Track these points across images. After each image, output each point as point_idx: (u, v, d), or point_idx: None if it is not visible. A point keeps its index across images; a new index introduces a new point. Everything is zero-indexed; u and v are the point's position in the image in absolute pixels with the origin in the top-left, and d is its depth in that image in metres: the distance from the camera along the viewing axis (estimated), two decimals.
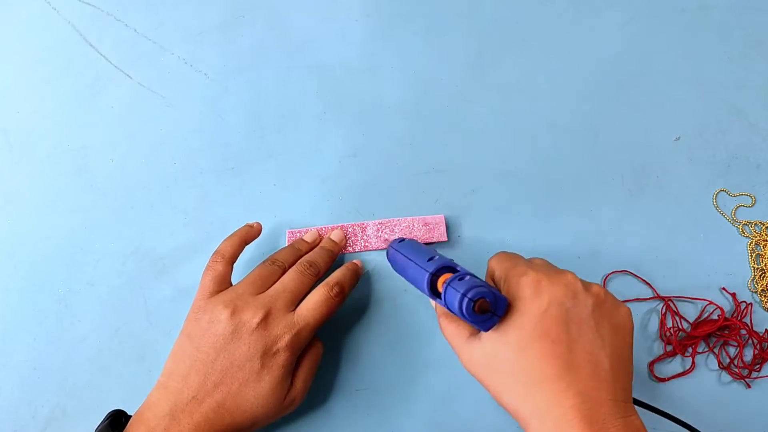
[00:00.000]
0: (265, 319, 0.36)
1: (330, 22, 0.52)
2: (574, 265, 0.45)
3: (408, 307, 0.44)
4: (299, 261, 0.40)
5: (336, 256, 0.43)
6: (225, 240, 0.41)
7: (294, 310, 0.37)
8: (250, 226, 0.43)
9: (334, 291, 0.38)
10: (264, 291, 0.38)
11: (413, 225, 0.45)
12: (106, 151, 0.49)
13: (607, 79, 0.51)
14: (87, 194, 0.47)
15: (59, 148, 0.49)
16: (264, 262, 0.40)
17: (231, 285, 0.39)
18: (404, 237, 0.44)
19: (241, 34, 0.52)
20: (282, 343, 0.36)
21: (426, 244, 0.44)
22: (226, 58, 0.51)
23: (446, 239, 0.45)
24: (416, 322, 0.44)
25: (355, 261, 0.43)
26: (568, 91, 0.50)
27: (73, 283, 0.45)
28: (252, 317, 0.35)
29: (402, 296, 0.44)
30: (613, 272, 0.45)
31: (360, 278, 0.43)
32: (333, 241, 0.44)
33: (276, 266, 0.40)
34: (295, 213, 0.47)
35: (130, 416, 0.36)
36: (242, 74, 0.51)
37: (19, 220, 0.47)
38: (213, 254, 0.40)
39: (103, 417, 0.37)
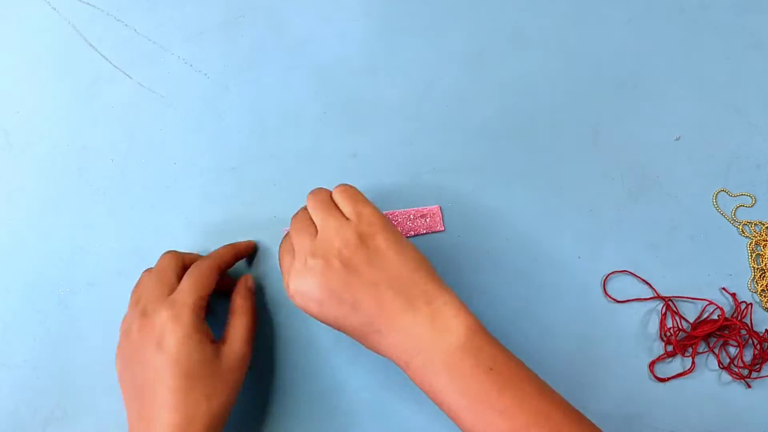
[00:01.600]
0: (143, 316, 0.36)
1: (330, 22, 0.52)
2: (575, 265, 0.45)
3: None
4: None
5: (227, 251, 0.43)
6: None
7: (170, 294, 0.37)
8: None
9: (202, 260, 0.40)
10: None
11: (410, 216, 0.46)
12: (106, 151, 0.49)
13: (607, 79, 0.51)
14: (87, 194, 0.47)
15: (59, 148, 0.49)
16: None
17: None
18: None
19: (241, 34, 0.52)
20: (167, 324, 0.35)
21: (423, 234, 0.46)
22: (226, 58, 0.51)
23: (443, 229, 0.46)
24: None
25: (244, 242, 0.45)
26: (568, 91, 0.50)
27: (73, 283, 0.45)
28: (132, 322, 0.37)
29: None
30: (613, 272, 0.45)
31: (245, 253, 0.44)
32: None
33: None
34: None
35: None
36: (242, 74, 0.51)
37: (19, 220, 0.47)
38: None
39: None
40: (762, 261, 0.46)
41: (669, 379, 0.43)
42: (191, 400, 0.33)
